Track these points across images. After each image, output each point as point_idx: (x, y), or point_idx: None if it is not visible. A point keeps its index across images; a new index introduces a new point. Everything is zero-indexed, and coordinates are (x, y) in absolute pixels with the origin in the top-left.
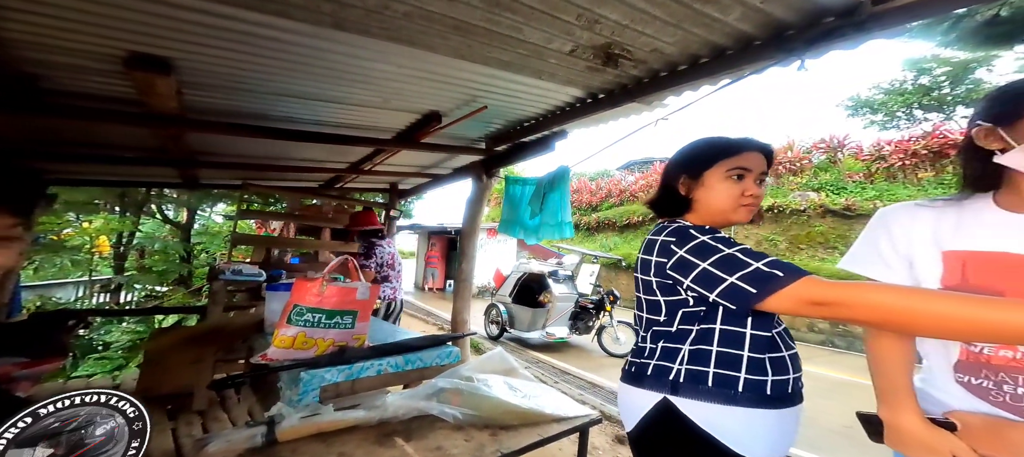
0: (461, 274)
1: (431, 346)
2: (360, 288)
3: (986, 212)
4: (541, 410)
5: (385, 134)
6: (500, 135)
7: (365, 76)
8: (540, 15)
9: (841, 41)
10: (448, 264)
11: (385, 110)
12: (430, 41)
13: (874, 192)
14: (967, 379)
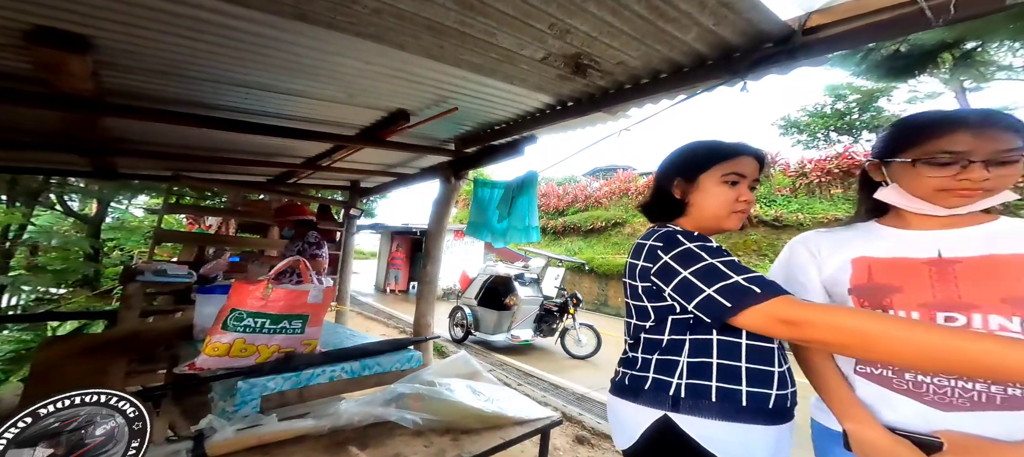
0: (426, 276)
1: (391, 351)
2: (312, 291)
3: (880, 230)
4: (503, 413)
5: (347, 130)
6: (470, 137)
7: (328, 71)
8: (513, 21)
9: (776, 66)
10: (412, 266)
11: (349, 106)
12: (401, 39)
13: (797, 205)
14: (868, 370)
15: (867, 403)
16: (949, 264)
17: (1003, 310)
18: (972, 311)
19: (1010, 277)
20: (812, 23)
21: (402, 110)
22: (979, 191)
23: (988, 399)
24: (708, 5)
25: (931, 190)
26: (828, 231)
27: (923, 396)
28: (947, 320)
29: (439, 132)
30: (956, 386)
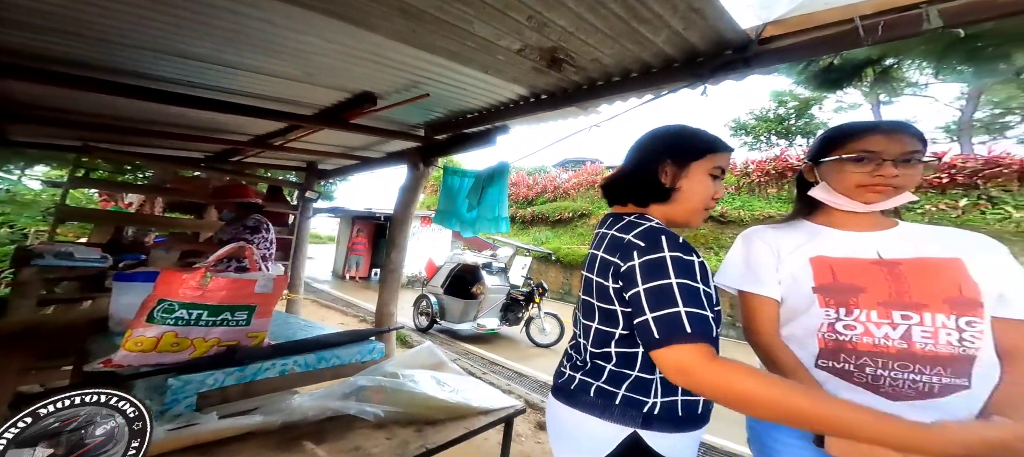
0: (390, 264)
1: (350, 342)
2: (260, 280)
3: (820, 230)
4: (468, 403)
5: (305, 110)
6: (441, 124)
7: (284, 46)
8: (492, 11)
9: (734, 73)
10: (375, 252)
11: (307, 85)
12: (371, 21)
13: (740, 203)
14: (829, 364)
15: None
16: (894, 265)
17: (945, 309)
18: (923, 310)
19: (946, 279)
20: (767, 34)
21: (368, 93)
22: (890, 188)
23: (929, 389)
24: (679, 9)
25: (852, 186)
26: (777, 228)
27: (879, 389)
28: (904, 317)
29: (409, 117)
30: (906, 379)
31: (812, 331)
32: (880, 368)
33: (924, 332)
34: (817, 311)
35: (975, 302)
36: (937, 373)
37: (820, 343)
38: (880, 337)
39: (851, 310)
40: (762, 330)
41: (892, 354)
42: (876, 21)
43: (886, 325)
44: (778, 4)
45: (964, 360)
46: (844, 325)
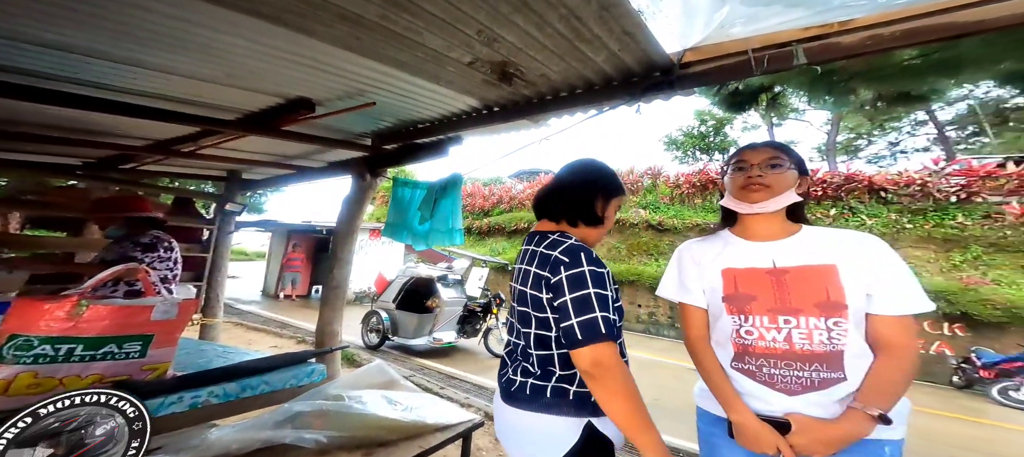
0: (333, 280)
1: (283, 366)
2: (159, 305)
3: (734, 240)
4: (423, 421)
5: (225, 114)
6: (390, 133)
7: (197, 44)
8: (442, 23)
9: (661, 93)
10: (315, 268)
11: (229, 87)
12: (308, 25)
13: (673, 212)
14: (740, 365)
15: (743, 391)
16: (782, 274)
17: (816, 313)
18: (800, 314)
19: (818, 285)
20: (687, 59)
21: (305, 99)
22: (762, 186)
23: (812, 383)
24: (615, 32)
25: (737, 189)
26: (703, 241)
27: (775, 386)
28: (785, 322)
29: (353, 125)
30: (792, 376)
31: (727, 336)
32: (772, 367)
33: (801, 333)
34: (726, 318)
35: (840, 305)
36: (815, 369)
37: (733, 347)
38: (770, 340)
39: (748, 316)
40: (692, 336)
41: (779, 354)
42: (763, 54)
43: (773, 329)
44: (693, 33)
45: (836, 356)
46: (745, 331)
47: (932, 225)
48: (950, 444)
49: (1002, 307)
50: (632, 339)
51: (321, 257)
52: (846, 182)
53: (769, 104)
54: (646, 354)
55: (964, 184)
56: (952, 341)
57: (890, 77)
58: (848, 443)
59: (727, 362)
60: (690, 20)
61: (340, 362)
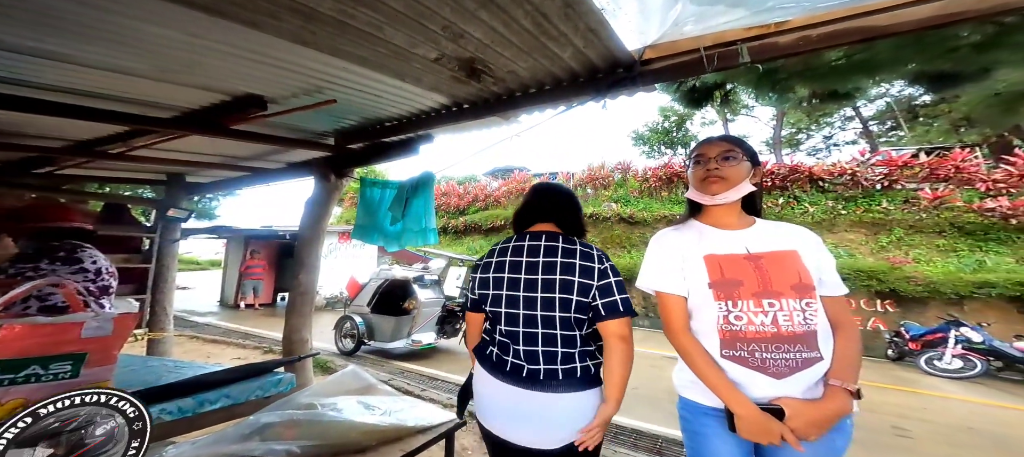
0: (299, 286)
1: (246, 378)
2: (90, 321)
3: (708, 229)
4: (403, 424)
5: (159, 111)
6: (354, 132)
7: (118, 35)
8: (404, 18)
9: (625, 89)
10: (280, 274)
11: (163, 83)
12: (251, 17)
13: (642, 205)
14: (731, 352)
15: (735, 380)
16: (758, 258)
17: (793, 295)
18: (781, 297)
19: (791, 268)
20: (647, 56)
21: (255, 96)
22: (719, 179)
23: (797, 364)
24: (579, 29)
25: (698, 181)
26: (677, 230)
27: (767, 370)
28: (770, 305)
29: (314, 124)
30: (781, 359)
31: (712, 324)
32: (763, 351)
33: (784, 315)
34: (713, 305)
35: (810, 286)
36: (799, 349)
37: (720, 335)
38: (758, 324)
39: (736, 302)
40: (674, 327)
41: (768, 338)
42: (713, 52)
43: (760, 313)
44: (651, 30)
45: (812, 335)
46: (734, 317)
47: (862, 211)
48: (892, 414)
49: (923, 283)
50: None
51: (286, 263)
52: (791, 173)
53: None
54: None
55: (886, 173)
56: (884, 316)
57: (821, 76)
58: (835, 422)
59: (716, 351)
60: (647, 18)
61: (312, 370)
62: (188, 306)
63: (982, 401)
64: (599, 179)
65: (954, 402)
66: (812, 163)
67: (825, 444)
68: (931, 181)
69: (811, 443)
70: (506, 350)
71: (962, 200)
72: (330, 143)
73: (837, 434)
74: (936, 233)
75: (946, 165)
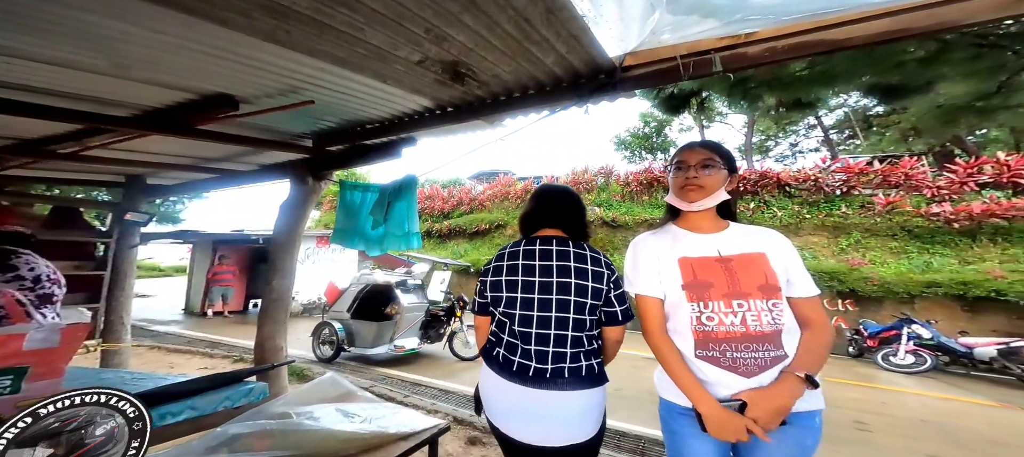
0: (272, 292)
1: (213, 388)
2: (32, 333)
3: (682, 233)
4: (384, 431)
5: (116, 109)
6: (333, 134)
7: (67, 28)
8: (385, 19)
9: (607, 94)
10: (252, 280)
11: (121, 80)
12: (220, 13)
13: (624, 209)
14: (704, 353)
15: (708, 379)
16: (728, 261)
17: (760, 295)
18: (749, 298)
19: (758, 270)
20: (627, 63)
21: (225, 95)
22: (698, 187)
23: (765, 363)
24: (562, 35)
25: (677, 188)
26: (655, 234)
27: (737, 369)
28: (739, 306)
29: (290, 125)
30: (751, 358)
31: (686, 325)
32: (734, 351)
33: (752, 315)
34: (686, 306)
35: (776, 287)
36: (767, 348)
37: (694, 335)
38: (729, 324)
39: (707, 303)
40: (651, 328)
41: (738, 338)
42: (689, 61)
43: (730, 313)
44: (630, 37)
45: (778, 334)
46: (706, 317)
47: (824, 215)
48: (854, 409)
49: (878, 283)
50: None
51: (259, 268)
52: (761, 178)
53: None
54: None
55: (845, 180)
56: (845, 315)
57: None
58: (791, 406)
59: (690, 351)
60: (627, 26)
61: (287, 379)
62: (149, 314)
63: (932, 395)
64: (582, 183)
65: (908, 396)
66: (780, 169)
67: (795, 442)
68: (884, 187)
69: (782, 443)
70: (513, 350)
71: (911, 205)
72: (307, 145)
73: (807, 432)
74: (889, 236)
75: (897, 172)
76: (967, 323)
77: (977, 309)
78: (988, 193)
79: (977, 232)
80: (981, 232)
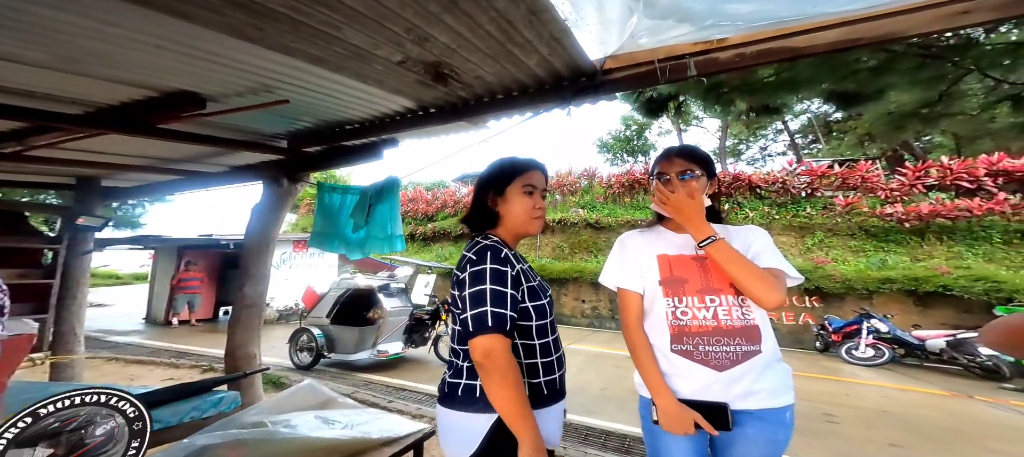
0: (244, 299)
1: (176, 399)
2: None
3: (665, 232)
4: (366, 437)
5: (64, 106)
6: (310, 134)
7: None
8: (364, 19)
9: (588, 97)
10: (222, 287)
11: (66, 74)
12: (183, 8)
13: (606, 211)
14: (679, 347)
15: (682, 373)
16: (705, 259)
17: (731, 291)
18: (721, 293)
19: None
20: (608, 66)
21: (190, 93)
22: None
23: (737, 357)
24: (544, 37)
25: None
26: (642, 232)
27: (709, 363)
28: (711, 301)
29: (263, 125)
30: (722, 351)
31: (662, 319)
32: (706, 344)
33: (723, 310)
34: (662, 301)
35: None
36: (738, 342)
37: (670, 330)
38: (702, 318)
39: (681, 298)
40: (627, 321)
41: (710, 331)
42: (665, 65)
43: (703, 308)
44: (610, 41)
45: (752, 329)
46: (681, 312)
47: (791, 216)
48: (823, 402)
49: (840, 280)
50: (578, 333)
51: (229, 274)
52: (734, 181)
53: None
54: (591, 347)
55: (809, 182)
56: (812, 312)
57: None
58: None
59: (666, 346)
60: (607, 29)
61: (261, 387)
62: (106, 325)
63: (891, 386)
64: (567, 185)
65: (870, 388)
66: (751, 172)
67: (768, 437)
68: (844, 189)
69: (755, 438)
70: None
71: (868, 206)
72: (282, 146)
73: (779, 427)
74: (849, 236)
75: (854, 175)
76: (919, 317)
77: (927, 304)
78: (934, 195)
79: (925, 231)
80: (929, 231)
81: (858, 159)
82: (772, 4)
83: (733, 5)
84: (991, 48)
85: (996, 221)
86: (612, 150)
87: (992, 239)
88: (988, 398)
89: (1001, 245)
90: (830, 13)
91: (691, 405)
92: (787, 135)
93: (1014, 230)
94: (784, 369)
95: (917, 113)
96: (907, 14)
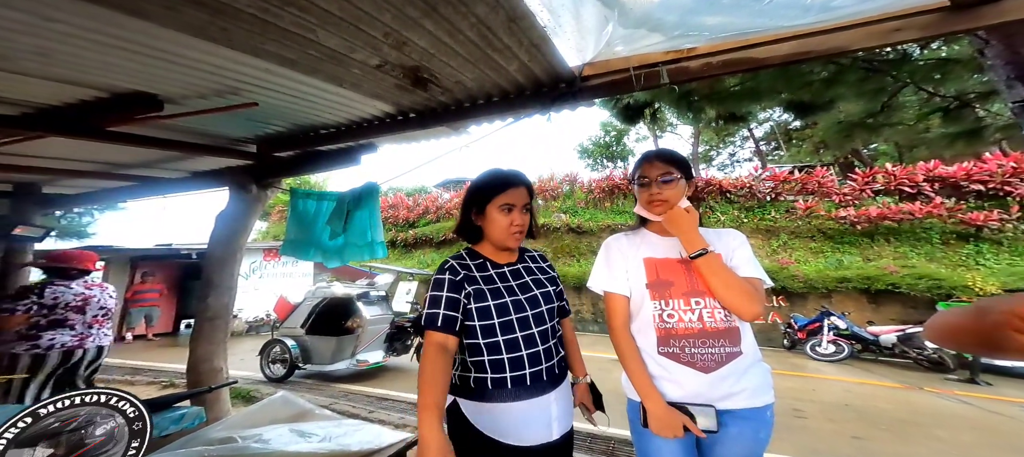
0: (208, 310)
1: None
2: None
3: (650, 236)
4: (345, 450)
5: (2, 108)
6: (281, 139)
7: None
8: (339, 21)
9: (567, 103)
10: (183, 299)
11: (2, 73)
12: (135, 5)
13: (588, 215)
14: (666, 350)
15: (669, 376)
16: (689, 262)
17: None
18: (705, 296)
19: None
20: (586, 73)
21: (146, 94)
22: (661, 202)
23: (721, 359)
24: (523, 43)
25: (645, 202)
26: (627, 235)
27: (695, 364)
28: (696, 303)
29: (229, 129)
30: (707, 354)
31: (650, 321)
32: (692, 346)
33: (708, 313)
34: (649, 304)
35: None
36: (722, 344)
37: (657, 333)
38: (688, 321)
39: (668, 301)
40: (614, 324)
41: (695, 334)
42: (640, 72)
43: (688, 311)
44: (587, 49)
45: (734, 331)
46: (667, 315)
47: (758, 219)
48: (791, 397)
49: (803, 280)
50: None
51: (191, 285)
52: (706, 185)
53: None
54: None
55: (773, 187)
56: (780, 311)
57: (723, 99)
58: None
59: (653, 349)
60: (584, 37)
61: (229, 402)
62: None
63: (851, 380)
64: (549, 190)
65: (832, 382)
66: (721, 177)
67: (751, 436)
68: (803, 194)
69: (739, 437)
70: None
71: (824, 210)
72: (251, 150)
73: (760, 426)
74: (809, 238)
75: (812, 181)
76: (873, 313)
77: (879, 301)
78: (882, 199)
79: (875, 233)
80: (878, 233)
81: (815, 165)
82: (734, 17)
83: (700, 17)
84: (924, 63)
85: (935, 223)
86: (593, 156)
87: (933, 240)
88: (936, 389)
89: (940, 245)
90: (785, 27)
91: (678, 408)
92: (752, 142)
93: (950, 231)
94: (764, 369)
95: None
96: (851, 30)
